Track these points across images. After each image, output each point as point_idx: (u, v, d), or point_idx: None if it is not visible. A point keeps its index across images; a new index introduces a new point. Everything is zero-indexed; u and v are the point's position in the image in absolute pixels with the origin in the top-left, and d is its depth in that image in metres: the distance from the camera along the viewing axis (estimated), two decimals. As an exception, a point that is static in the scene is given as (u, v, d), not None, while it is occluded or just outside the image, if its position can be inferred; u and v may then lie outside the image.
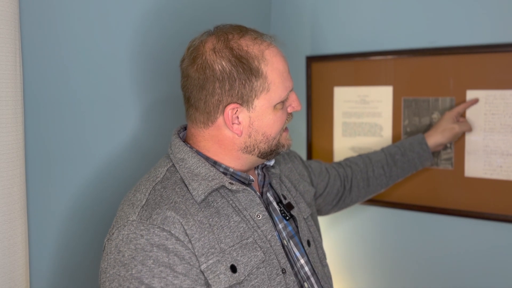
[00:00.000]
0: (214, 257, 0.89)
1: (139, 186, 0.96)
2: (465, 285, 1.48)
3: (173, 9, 1.38)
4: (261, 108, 0.96)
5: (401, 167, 1.40)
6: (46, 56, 1.09)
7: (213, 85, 0.93)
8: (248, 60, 0.93)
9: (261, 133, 0.98)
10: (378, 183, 1.40)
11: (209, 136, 0.98)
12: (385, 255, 1.62)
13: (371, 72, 1.58)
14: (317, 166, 1.33)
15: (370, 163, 1.39)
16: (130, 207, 0.91)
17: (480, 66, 1.39)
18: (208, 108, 0.95)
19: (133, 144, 1.29)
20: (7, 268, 0.95)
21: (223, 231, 0.92)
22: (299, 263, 1.03)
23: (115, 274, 0.85)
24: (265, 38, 0.98)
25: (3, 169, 0.93)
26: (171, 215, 0.88)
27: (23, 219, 0.99)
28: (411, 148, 1.40)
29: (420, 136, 1.41)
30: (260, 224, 0.97)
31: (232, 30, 0.97)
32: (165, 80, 1.35)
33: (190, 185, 0.94)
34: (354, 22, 1.61)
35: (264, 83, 0.95)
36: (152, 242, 0.86)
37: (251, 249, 0.93)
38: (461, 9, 1.42)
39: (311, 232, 1.11)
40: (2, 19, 0.91)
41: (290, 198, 1.10)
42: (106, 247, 0.90)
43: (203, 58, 0.94)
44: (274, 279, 0.94)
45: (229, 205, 0.96)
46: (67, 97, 1.14)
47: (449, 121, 1.40)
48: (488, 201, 1.42)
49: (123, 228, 0.88)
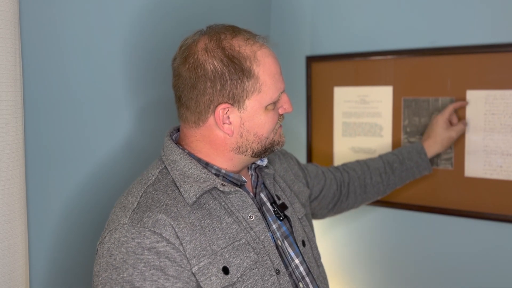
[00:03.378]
0: (206, 259, 0.89)
1: (132, 189, 0.96)
2: (465, 285, 1.48)
3: (171, 10, 1.38)
4: (252, 109, 0.96)
5: (399, 175, 1.40)
6: (46, 56, 1.09)
7: (205, 85, 0.93)
8: (240, 61, 0.93)
9: (253, 134, 0.97)
10: (375, 190, 1.40)
11: (201, 136, 0.98)
12: (385, 255, 1.62)
13: (371, 72, 1.58)
14: (313, 168, 1.33)
15: (368, 170, 1.39)
16: (122, 210, 0.91)
17: (480, 66, 1.39)
18: (199, 107, 0.95)
19: (128, 145, 1.29)
20: (7, 268, 0.95)
21: (215, 233, 0.92)
22: (294, 263, 1.03)
23: (107, 278, 0.86)
24: (258, 39, 0.97)
25: (3, 169, 0.93)
26: (162, 218, 0.88)
27: (23, 219, 0.99)
28: (410, 157, 1.40)
29: (419, 146, 1.40)
30: (253, 225, 0.97)
31: (224, 30, 0.96)
32: (159, 82, 1.34)
33: (182, 187, 0.94)
34: (354, 22, 1.61)
35: (255, 83, 0.94)
36: (143, 245, 0.86)
37: (243, 251, 0.93)
38: (461, 9, 1.42)
39: (306, 232, 1.11)
40: (2, 19, 0.91)
41: (284, 198, 1.10)
42: (98, 251, 0.90)
43: (195, 57, 0.94)
44: (268, 280, 0.94)
45: (221, 206, 0.95)
46: (66, 98, 1.14)
47: (444, 127, 1.39)
48: (488, 201, 1.42)
49: (115, 231, 0.88)
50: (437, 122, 1.40)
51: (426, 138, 1.41)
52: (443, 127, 1.39)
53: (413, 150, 1.40)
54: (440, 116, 1.40)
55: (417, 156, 1.39)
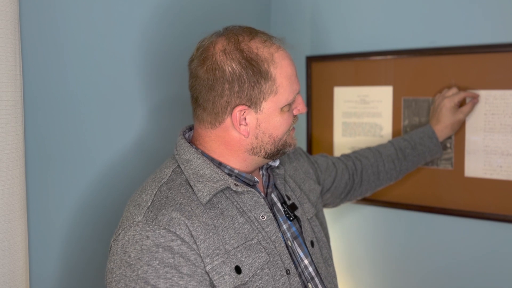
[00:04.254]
0: (219, 258, 0.90)
1: (145, 187, 0.97)
2: (465, 285, 1.48)
3: (173, 9, 1.38)
4: (269, 110, 0.96)
5: (411, 160, 1.41)
6: (47, 56, 1.09)
7: (222, 87, 0.94)
8: (258, 63, 0.94)
9: (268, 135, 0.98)
10: (388, 177, 1.40)
11: (216, 136, 0.99)
12: (385, 255, 1.62)
13: (371, 72, 1.58)
14: (323, 161, 1.33)
15: (381, 157, 1.39)
16: (136, 208, 0.92)
17: (480, 66, 1.39)
18: (216, 109, 0.96)
19: (138, 144, 1.29)
20: (7, 268, 0.95)
21: (227, 232, 0.93)
22: (303, 263, 1.04)
23: (121, 275, 0.86)
24: (274, 41, 0.98)
25: (3, 169, 0.93)
26: (177, 216, 0.89)
27: (23, 219, 0.99)
28: (422, 142, 1.40)
29: (430, 130, 1.40)
30: (264, 225, 0.98)
31: (242, 32, 0.97)
32: (171, 80, 1.35)
33: (196, 186, 0.94)
34: (354, 22, 1.61)
35: (272, 86, 0.95)
36: (158, 243, 0.86)
37: (255, 250, 0.94)
38: (461, 9, 1.42)
39: (315, 232, 1.12)
40: (2, 19, 0.91)
41: (294, 198, 1.10)
42: (112, 248, 0.91)
43: (213, 59, 0.94)
44: (278, 280, 0.95)
45: (233, 206, 0.96)
46: (68, 97, 1.14)
47: (453, 112, 1.38)
48: (488, 201, 1.41)
49: (129, 229, 0.89)
50: (445, 106, 1.39)
51: (436, 122, 1.41)
52: (452, 111, 1.39)
53: (424, 135, 1.40)
54: (449, 101, 1.39)
55: (428, 141, 1.40)
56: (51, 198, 1.12)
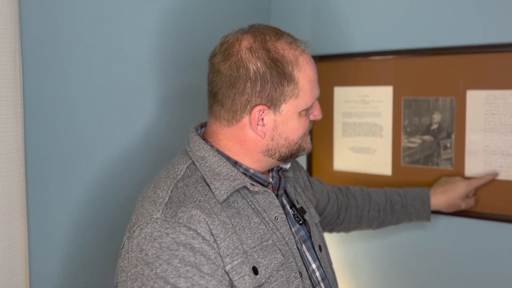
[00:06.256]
0: (239, 258, 0.88)
1: (159, 182, 0.94)
2: (465, 285, 1.48)
3: (170, 9, 1.37)
4: (287, 113, 0.96)
5: (396, 216, 1.39)
6: (47, 55, 1.09)
7: (245, 85, 0.93)
8: (283, 64, 0.93)
9: (284, 138, 0.97)
10: (369, 224, 1.40)
11: (231, 135, 0.97)
12: (384, 255, 1.62)
13: (371, 72, 1.58)
14: (319, 185, 1.33)
15: (369, 203, 1.38)
16: (152, 204, 0.89)
17: (480, 66, 1.39)
18: (235, 106, 0.94)
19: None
20: (7, 268, 0.95)
21: (244, 232, 0.91)
22: (311, 267, 1.03)
23: (137, 273, 0.84)
24: (299, 44, 0.98)
25: (3, 169, 0.93)
26: (197, 213, 0.87)
27: (23, 219, 0.99)
28: (413, 203, 1.39)
29: (425, 195, 1.38)
30: (278, 226, 0.97)
31: (268, 31, 0.96)
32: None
33: (212, 184, 0.93)
34: (354, 22, 1.61)
35: (294, 89, 0.95)
36: (178, 240, 0.84)
37: (271, 251, 0.93)
38: (461, 9, 1.42)
39: (322, 237, 1.12)
40: (2, 19, 0.90)
41: (301, 203, 1.10)
42: (125, 245, 0.88)
43: (238, 56, 0.93)
44: (292, 282, 0.94)
45: (248, 206, 0.95)
46: (69, 95, 1.14)
47: (462, 196, 1.36)
48: (488, 201, 1.41)
49: (146, 226, 0.86)
50: (460, 188, 1.36)
51: (440, 192, 1.38)
52: (462, 195, 1.36)
53: (418, 197, 1.39)
54: (466, 186, 1.36)
55: (420, 204, 1.38)
56: (51, 198, 1.12)
